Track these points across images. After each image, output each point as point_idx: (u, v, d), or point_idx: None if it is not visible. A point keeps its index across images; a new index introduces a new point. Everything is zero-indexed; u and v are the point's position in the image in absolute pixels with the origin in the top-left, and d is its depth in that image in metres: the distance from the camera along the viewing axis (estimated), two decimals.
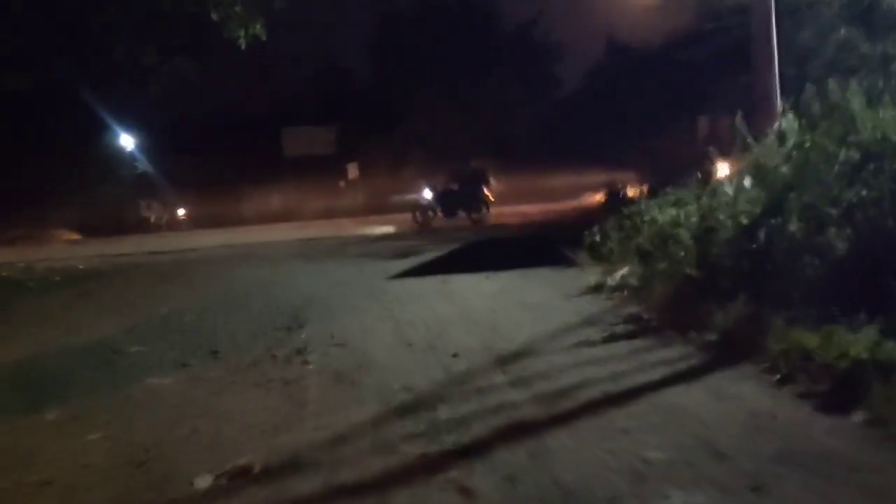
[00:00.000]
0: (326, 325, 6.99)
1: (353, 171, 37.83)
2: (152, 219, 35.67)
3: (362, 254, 13.58)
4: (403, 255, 12.58)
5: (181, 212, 36.57)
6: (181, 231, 30.75)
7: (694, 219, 7.25)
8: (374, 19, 41.29)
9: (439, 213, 22.13)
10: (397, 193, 29.19)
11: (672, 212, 7.87)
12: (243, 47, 9.92)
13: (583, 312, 6.70)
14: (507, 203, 27.34)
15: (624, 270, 7.95)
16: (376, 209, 31.17)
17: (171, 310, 8.82)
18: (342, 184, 37.78)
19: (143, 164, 36.77)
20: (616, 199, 13.19)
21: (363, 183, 36.75)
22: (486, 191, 22.28)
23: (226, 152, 34.98)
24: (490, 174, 23.06)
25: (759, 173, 6.72)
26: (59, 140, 28.51)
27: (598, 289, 7.71)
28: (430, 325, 6.64)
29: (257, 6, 10.08)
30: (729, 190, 7.58)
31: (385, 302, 8.08)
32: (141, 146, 37.01)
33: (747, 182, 7.69)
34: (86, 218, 29.34)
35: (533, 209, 25.73)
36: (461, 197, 22.12)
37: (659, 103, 25.18)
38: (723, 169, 9.36)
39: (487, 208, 22.16)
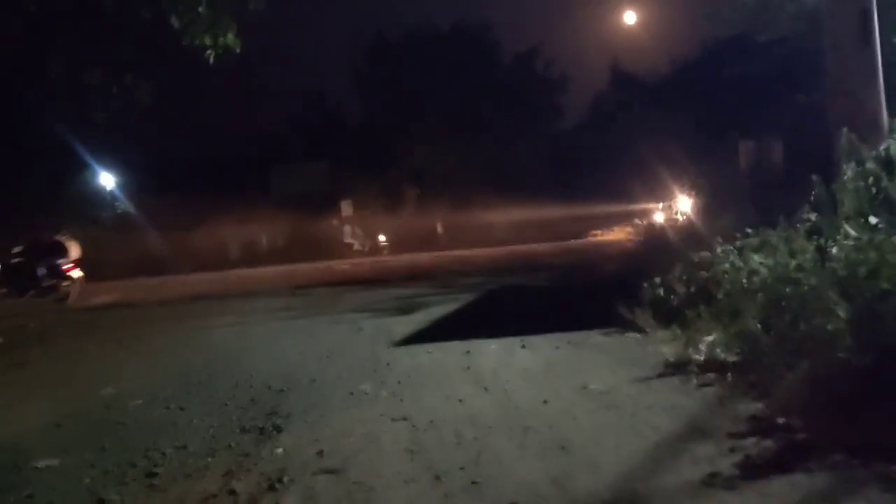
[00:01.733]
0: (313, 429, 4.99)
1: (346, 208, 36.00)
2: (355, 245, 34.90)
3: (359, 306, 11.57)
4: (408, 308, 10.59)
5: (382, 238, 35.52)
6: (380, 256, 29.25)
7: (811, 276, 5.33)
8: (363, 51, 39.54)
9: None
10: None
11: (769, 262, 5.93)
12: (211, 61, 8.02)
13: (679, 410, 4.70)
14: (509, 241, 25.55)
15: (710, 338, 6.00)
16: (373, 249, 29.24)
17: (118, 392, 6.81)
18: (335, 222, 35.88)
19: (124, 205, 34.87)
20: (655, 236, 11.26)
21: (357, 221, 34.88)
22: (64, 265, 17.45)
23: (212, 191, 33.08)
24: (72, 245, 18.14)
25: None
26: (30, 180, 26.55)
27: (680, 367, 5.72)
28: (463, 432, 4.63)
29: (227, 7, 8.19)
30: (852, 231, 5.71)
31: (392, 385, 6.07)
32: (123, 186, 35.19)
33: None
34: None
35: (541, 248, 23.85)
36: (26, 272, 17.15)
37: (683, 131, 23.45)
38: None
39: (66, 286, 17.33)
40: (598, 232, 31.46)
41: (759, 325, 5.42)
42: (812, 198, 7.07)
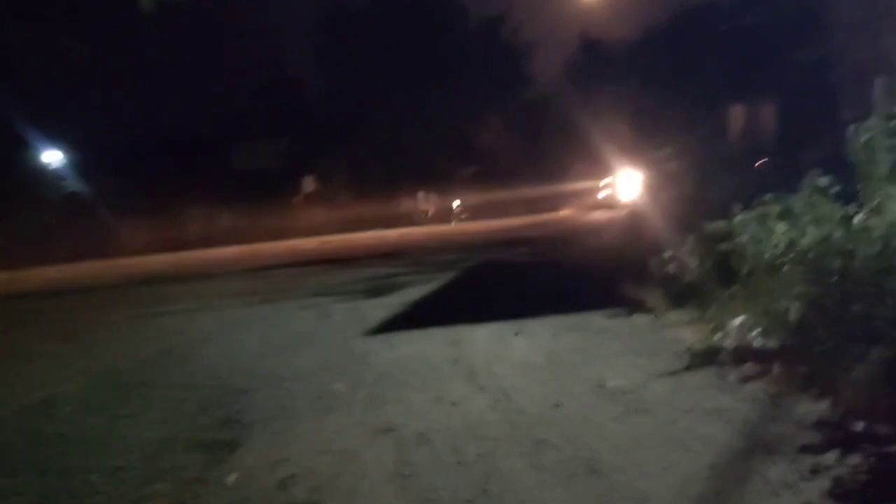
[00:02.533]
0: (277, 444, 4.09)
1: (309, 184, 34.71)
2: (430, 211, 34.37)
3: (327, 288, 10.57)
4: (382, 290, 9.63)
5: (455, 203, 34.72)
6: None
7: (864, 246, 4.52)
8: (321, 22, 37.69)
9: None
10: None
11: (816, 231, 5.09)
12: (146, 9, 6.89)
13: (727, 415, 3.86)
14: (483, 217, 24.72)
15: (738, 320, 5.17)
16: (337, 226, 28.08)
17: (49, 396, 5.81)
18: (298, 199, 34.57)
19: (73, 184, 33.08)
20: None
21: (321, 198, 33.60)
22: None
23: (169, 170, 31.56)
24: None
25: None
26: None
27: (709, 356, 4.88)
28: (462, 447, 3.74)
29: None
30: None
31: (369, 383, 5.15)
32: (73, 164, 33.38)
33: None
34: (6, 245, 25.64)
35: (517, 222, 23.00)
36: None
37: (663, 99, 22.52)
38: None
39: None
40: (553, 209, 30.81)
41: (801, 306, 4.61)
42: (821, 159, 6.30)
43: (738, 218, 6.23)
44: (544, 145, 32.20)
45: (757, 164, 10.44)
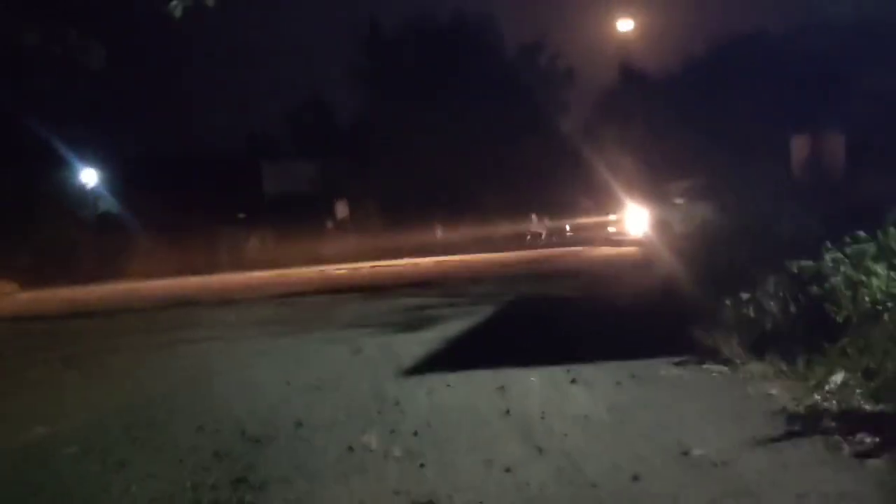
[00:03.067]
0: None
1: (342, 209, 34.25)
2: (543, 235, 34.10)
3: (358, 319, 9.91)
4: (417, 323, 8.94)
5: (567, 228, 34.72)
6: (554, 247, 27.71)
7: None
8: (356, 45, 37.54)
9: None
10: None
11: None
12: (178, 14, 6.42)
13: (849, 500, 3.09)
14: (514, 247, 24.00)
15: (837, 377, 4.40)
16: (369, 252, 27.46)
17: (49, 434, 5.22)
18: (330, 224, 34.09)
19: (108, 203, 33.13)
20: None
21: (353, 223, 33.09)
22: None
23: (200, 190, 31.34)
24: None
25: None
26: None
27: (810, 420, 4.10)
28: None
29: None
30: None
31: (406, 436, 4.44)
32: (106, 184, 33.46)
33: None
34: (35, 264, 25.45)
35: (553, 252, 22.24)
36: None
37: (721, 124, 21.56)
38: None
39: None
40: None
41: None
42: None
43: (829, 257, 5.46)
44: (581, 174, 31.37)
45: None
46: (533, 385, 5.44)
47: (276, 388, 6.08)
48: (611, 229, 29.25)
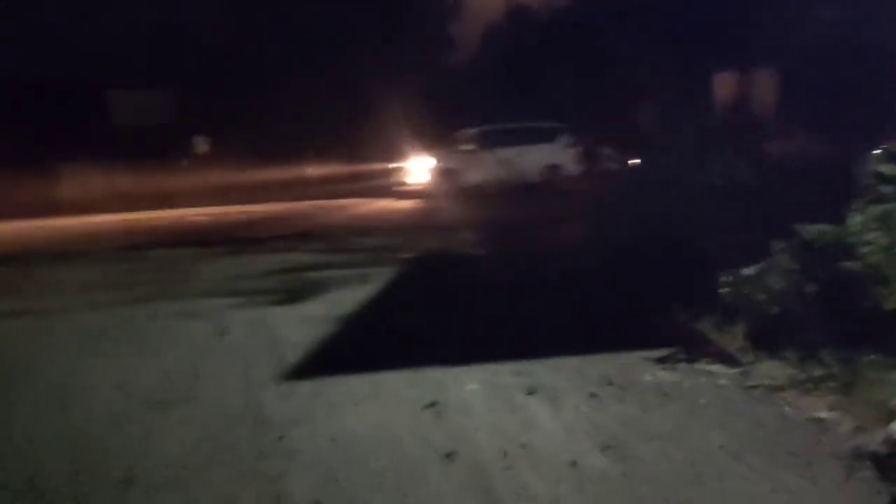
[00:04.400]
0: None
1: (201, 145, 31.13)
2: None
3: (223, 282, 7.99)
4: (299, 290, 7.16)
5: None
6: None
7: None
8: None
9: None
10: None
11: None
12: None
13: None
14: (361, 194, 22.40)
15: None
16: (231, 194, 24.94)
17: None
18: (185, 162, 30.90)
19: None
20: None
21: (213, 160, 30.08)
22: None
23: (33, 120, 27.35)
24: None
25: None
26: None
27: (889, 462, 2.81)
28: None
29: None
30: None
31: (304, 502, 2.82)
32: None
33: None
34: None
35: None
36: None
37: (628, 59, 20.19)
38: None
39: None
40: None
41: None
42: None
43: (856, 220, 4.20)
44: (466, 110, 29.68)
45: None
46: (475, 398, 3.90)
47: (102, 399, 4.23)
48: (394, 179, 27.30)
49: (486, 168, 22.12)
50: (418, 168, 23.69)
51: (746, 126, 9.35)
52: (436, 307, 6.29)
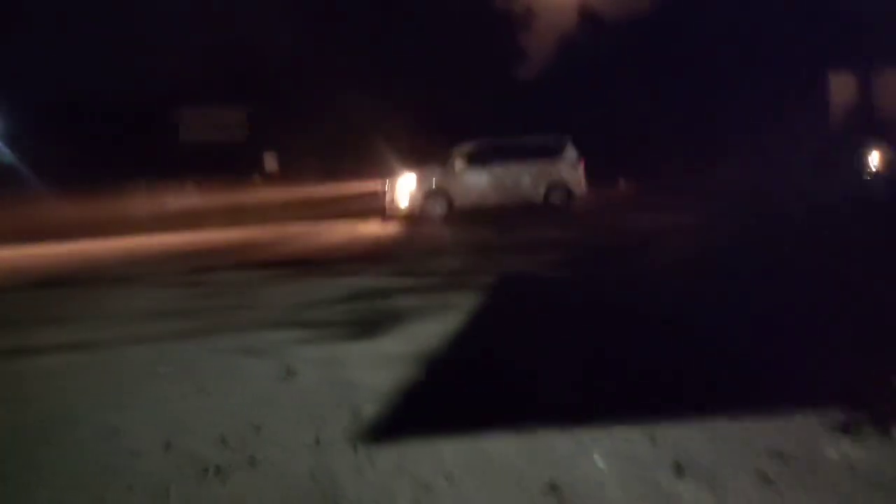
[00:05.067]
0: None
1: (270, 162, 30.99)
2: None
3: (289, 311, 7.29)
4: (372, 321, 6.39)
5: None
6: None
7: None
8: None
9: None
10: None
11: None
12: None
13: None
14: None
15: None
16: (302, 213, 24.55)
17: None
18: (256, 178, 30.78)
19: (5, 154, 29.32)
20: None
21: (282, 178, 29.89)
22: None
23: (108, 140, 27.71)
24: None
25: None
26: None
27: None
28: None
29: None
30: None
31: None
32: (4, 133, 29.66)
33: None
34: None
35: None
36: None
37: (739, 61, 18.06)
38: None
39: None
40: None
41: None
42: None
43: None
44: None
45: None
46: (607, 479, 3.00)
47: (145, 456, 3.51)
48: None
49: (476, 188, 19.58)
50: (402, 188, 20.23)
51: (873, 130, 8.22)
52: (536, 343, 5.39)
